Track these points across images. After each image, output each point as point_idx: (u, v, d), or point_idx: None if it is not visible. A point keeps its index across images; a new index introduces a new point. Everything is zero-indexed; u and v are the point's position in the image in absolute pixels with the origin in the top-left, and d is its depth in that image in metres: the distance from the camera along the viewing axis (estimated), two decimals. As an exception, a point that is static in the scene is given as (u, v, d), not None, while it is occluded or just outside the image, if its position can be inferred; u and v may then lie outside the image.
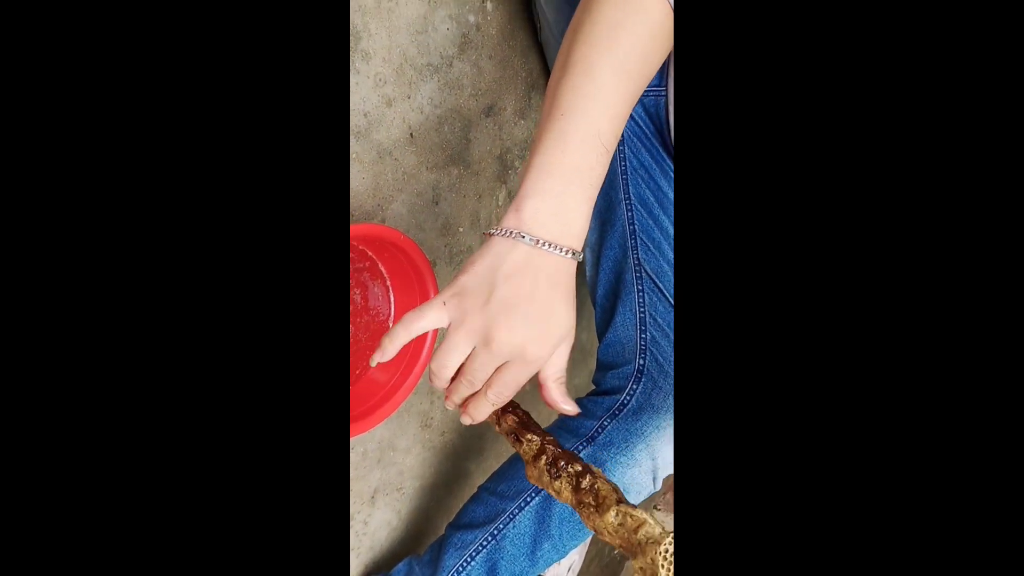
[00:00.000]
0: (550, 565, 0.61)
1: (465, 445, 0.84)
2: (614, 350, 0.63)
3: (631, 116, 0.66)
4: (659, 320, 0.61)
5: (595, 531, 0.34)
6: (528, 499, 0.60)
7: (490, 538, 0.61)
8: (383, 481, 0.73)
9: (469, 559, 0.61)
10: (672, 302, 0.61)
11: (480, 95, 0.68)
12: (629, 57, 0.37)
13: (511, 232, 0.37)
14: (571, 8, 0.59)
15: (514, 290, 0.37)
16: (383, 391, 0.60)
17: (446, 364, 0.39)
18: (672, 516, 0.59)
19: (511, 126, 0.74)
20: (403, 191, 0.63)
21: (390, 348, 0.41)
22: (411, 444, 0.75)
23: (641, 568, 0.31)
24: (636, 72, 0.38)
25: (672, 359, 0.59)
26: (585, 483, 0.35)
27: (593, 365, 0.66)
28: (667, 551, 0.30)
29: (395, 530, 0.77)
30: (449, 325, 0.39)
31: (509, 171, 0.76)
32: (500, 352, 0.38)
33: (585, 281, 0.71)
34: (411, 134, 0.62)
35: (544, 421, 0.51)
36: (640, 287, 0.62)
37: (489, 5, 0.66)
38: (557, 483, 0.36)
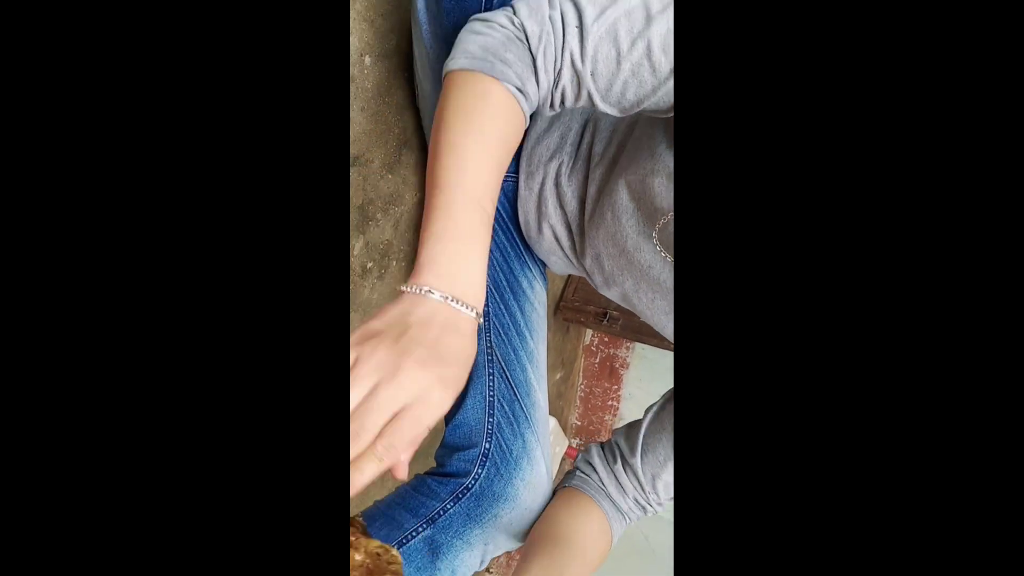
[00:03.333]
0: None
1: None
2: (462, 432, 0.62)
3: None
4: (505, 407, 0.62)
5: None
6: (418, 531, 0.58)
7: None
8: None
9: None
10: (516, 391, 0.63)
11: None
12: (486, 133, 0.42)
13: (420, 288, 0.38)
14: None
15: (425, 332, 0.37)
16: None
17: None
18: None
19: (376, 178, 0.73)
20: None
21: None
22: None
23: None
24: (496, 144, 0.43)
25: (512, 447, 0.60)
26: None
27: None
28: None
29: None
30: (355, 361, 0.35)
31: (369, 222, 0.74)
32: (406, 386, 0.35)
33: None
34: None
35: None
36: (491, 371, 0.63)
37: (368, 59, 0.65)
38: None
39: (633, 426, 0.64)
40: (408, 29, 0.69)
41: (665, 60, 0.41)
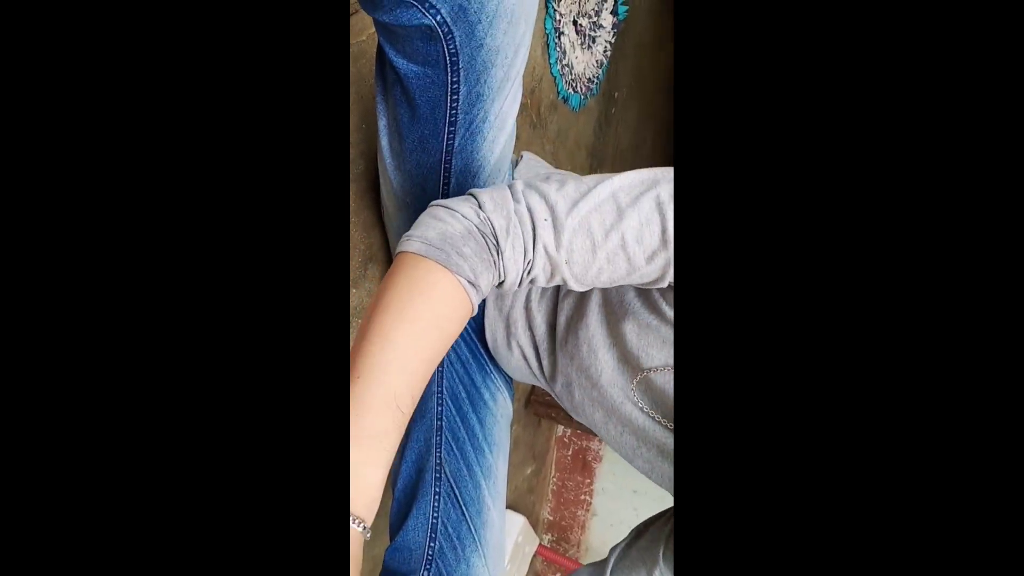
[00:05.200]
0: None
1: None
2: (401, 556, 0.60)
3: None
4: (450, 530, 0.60)
5: None
6: None
7: None
8: None
9: None
10: (466, 511, 0.61)
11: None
12: (423, 325, 0.40)
13: None
14: (409, 212, 0.62)
15: None
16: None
17: None
18: None
19: (340, 295, 0.74)
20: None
21: None
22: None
23: None
24: (432, 337, 0.41)
25: (454, 574, 0.58)
26: None
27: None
28: None
29: None
30: None
31: (331, 337, 0.74)
32: None
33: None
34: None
35: None
36: (437, 490, 0.62)
37: (335, 185, 0.68)
38: None
39: (598, 567, 0.62)
40: (373, 153, 0.72)
41: (639, 250, 0.43)
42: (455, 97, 0.49)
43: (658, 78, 1.77)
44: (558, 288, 0.62)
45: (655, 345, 0.53)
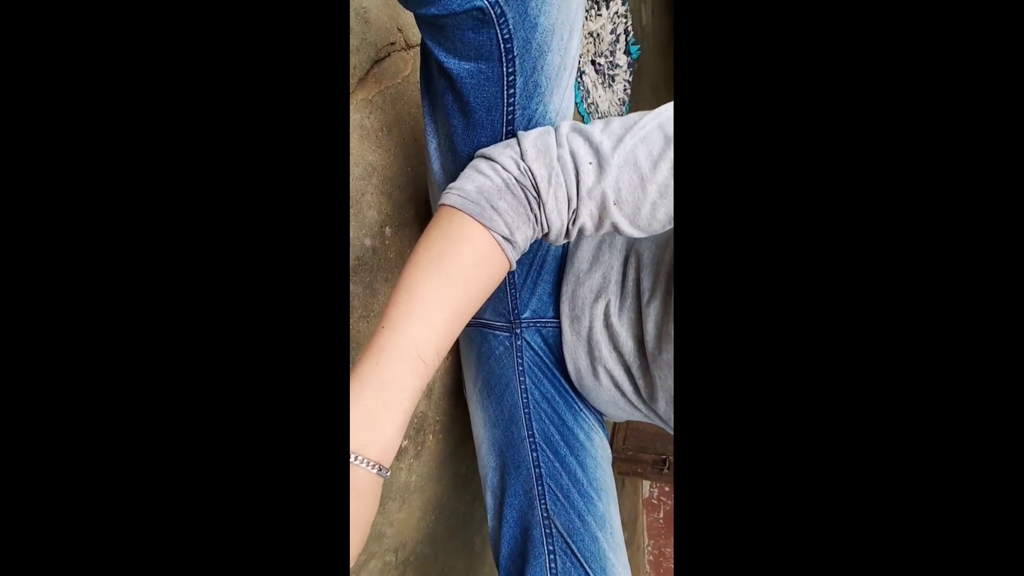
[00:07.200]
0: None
1: None
2: None
3: (530, 347, 0.63)
4: None
5: None
6: None
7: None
8: None
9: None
10: (588, 568, 0.51)
11: (372, 316, 0.63)
12: (450, 278, 0.40)
13: None
14: None
15: None
16: None
17: None
18: None
19: (406, 349, 0.68)
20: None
21: None
22: None
23: None
24: (460, 293, 0.40)
25: None
26: None
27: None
28: None
29: None
30: None
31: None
32: None
33: (488, 534, 0.60)
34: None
35: None
36: (551, 547, 0.53)
37: (388, 230, 0.65)
38: None
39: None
40: (425, 198, 0.70)
41: None
42: (511, 91, 0.45)
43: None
44: (638, 295, 0.56)
45: None
